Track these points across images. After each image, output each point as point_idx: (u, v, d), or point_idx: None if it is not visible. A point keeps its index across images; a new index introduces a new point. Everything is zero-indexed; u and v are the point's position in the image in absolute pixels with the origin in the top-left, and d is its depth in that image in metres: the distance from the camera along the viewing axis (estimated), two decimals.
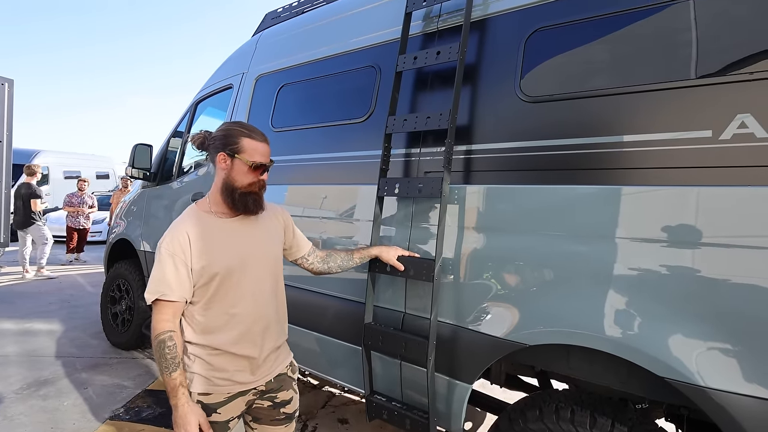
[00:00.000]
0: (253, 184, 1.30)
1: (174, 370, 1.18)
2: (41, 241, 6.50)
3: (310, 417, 2.71)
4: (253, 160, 1.28)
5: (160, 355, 1.19)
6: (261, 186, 1.32)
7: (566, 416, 1.36)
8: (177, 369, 1.19)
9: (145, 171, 3.36)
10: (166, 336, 1.19)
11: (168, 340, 1.19)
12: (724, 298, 1.13)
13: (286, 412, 1.44)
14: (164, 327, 1.20)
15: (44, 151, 12.20)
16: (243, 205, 1.29)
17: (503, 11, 1.64)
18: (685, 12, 1.26)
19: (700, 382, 1.12)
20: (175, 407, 1.19)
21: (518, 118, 1.53)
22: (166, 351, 1.18)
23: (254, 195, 1.30)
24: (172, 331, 1.21)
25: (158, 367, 1.21)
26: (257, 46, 2.79)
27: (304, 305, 2.10)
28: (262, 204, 1.34)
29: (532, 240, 1.44)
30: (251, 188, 1.29)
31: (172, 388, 1.18)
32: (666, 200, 1.22)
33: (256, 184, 1.30)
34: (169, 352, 1.18)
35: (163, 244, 1.25)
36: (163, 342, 1.19)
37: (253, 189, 1.30)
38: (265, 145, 1.32)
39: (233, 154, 1.28)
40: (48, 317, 4.54)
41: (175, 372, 1.18)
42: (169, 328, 1.20)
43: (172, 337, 1.20)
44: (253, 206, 1.30)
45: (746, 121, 1.13)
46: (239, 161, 1.28)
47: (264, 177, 1.33)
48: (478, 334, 1.53)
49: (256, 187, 1.30)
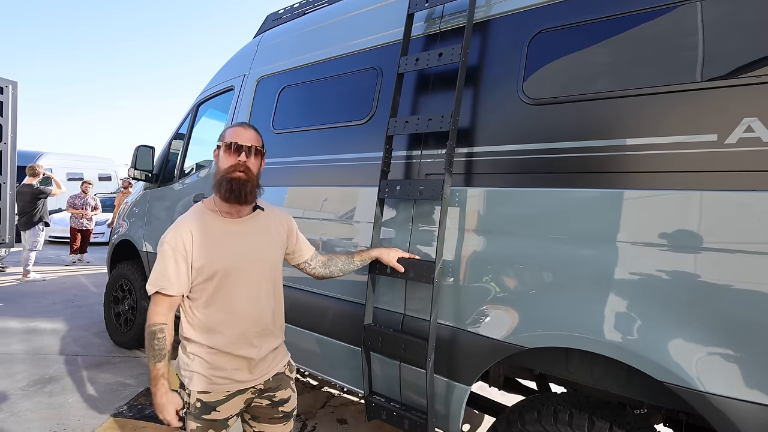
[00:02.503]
0: (232, 167, 1.29)
1: (159, 361, 1.25)
2: (31, 245, 6.40)
3: (310, 417, 2.72)
4: (226, 140, 1.32)
5: (150, 344, 1.25)
6: (242, 170, 1.29)
7: (564, 419, 1.36)
8: (162, 360, 1.25)
9: (147, 172, 3.38)
10: (157, 328, 1.26)
11: (159, 332, 1.25)
12: (726, 303, 1.12)
13: (285, 411, 1.45)
14: (158, 319, 1.26)
15: (47, 153, 12.30)
16: (219, 188, 1.30)
17: (506, 13, 1.64)
18: (691, 14, 1.24)
19: (699, 387, 1.12)
20: (155, 395, 1.26)
21: (520, 120, 1.52)
22: (155, 342, 1.25)
23: (233, 180, 1.28)
24: (164, 324, 1.27)
25: (146, 354, 1.28)
26: (258, 48, 2.80)
27: (305, 306, 2.11)
28: (241, 192, 1.29)
29: (533, 243, 1.44)
30: (230, 171, 1.29)
31: (154, 377, 1.26)
32: (669, 204, 1.21)
33: (235, 166, 1.29)
34: (158, 344, 1.25)
35: (166, 238, 1.27)
36: (153, 333, 1.25)
37: (232, 172, 1.29)
38: (246, 131, 1.35)
39: (219, 145, 1.35)
40: (52, 316, 4.58)
41: (159, 363, 1.25)
42: (162, 320, 1.26)
43: (163, 330, 1.26)
44: (225, 191, 1.28)
45: (753, 125, 1.12)
46: (221, 147, 1.33)
47: (243, 158, 1.30)
48: (478, 337, 1.52)
49: (235, 170, 1.29)
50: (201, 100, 3.24)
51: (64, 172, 12.54)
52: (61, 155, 12.99)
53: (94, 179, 12.69)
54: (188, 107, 3.41)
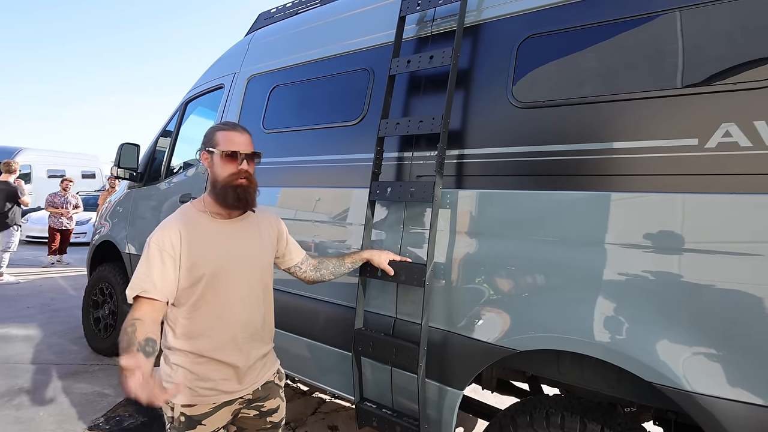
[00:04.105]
0: (234, 175, 1.26)
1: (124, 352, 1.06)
2: (5, 246, 6.18)
3: (300, 424, 2.67)
4: (225, 148, 1.27)
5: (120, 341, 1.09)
6: (244, 177, 1.27)
7: (557, 422, 1.37)
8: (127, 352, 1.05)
9: (131, 171, 3.29)
10: (128, 323, 1.11)
11: (129, 327, 1.10)
12: (709, 303, 1.14)
13: (273, 421, 1.41)
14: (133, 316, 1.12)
15: (27, 149, 11.91)
16: (224, 198, 1.27)
17: (496, 17, 1.66)
18: (672, 23, 1.28)
19: (686, 386, 1.14)
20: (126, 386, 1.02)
21: (510, 123, 1.54)
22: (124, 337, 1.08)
23: (238, 188, 1.26)
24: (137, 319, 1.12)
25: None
26: (249, 47, 2.77)
27: (294, 310, 2.08)
28: (248, 200, 1.28)
29: (523, 245, 1.44)
30: (232, 180, 1.26)
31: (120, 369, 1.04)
32: (654, 207, 1.24)
33: (237, 174, 1.26)
34: (126, 337, 1.08)
35: (152, 239, 1.22)
36: (124, 329, 1.10)
37: (235, 181, 1.26)
38: (241, 135, 1.30)
39: (211, 149, 1.29)
40: (26, 322, 4.38)
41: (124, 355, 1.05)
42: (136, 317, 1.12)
43: (134, 324, 1.10)
44: (233, 200, 1.26)
45: (730, 130, 1.15)
46: (217, 154, 1.28)
47: (244, 166, 1.28)
48: (470, 340, 1.52)
49: (237, 178, 1.26)
50: (189, 97, 3.19)
51: (44, 169, 12.16)
52: (41, 151, 12.60)
53: (77, 176, 12.33)
54: (176, 104, 3.34)
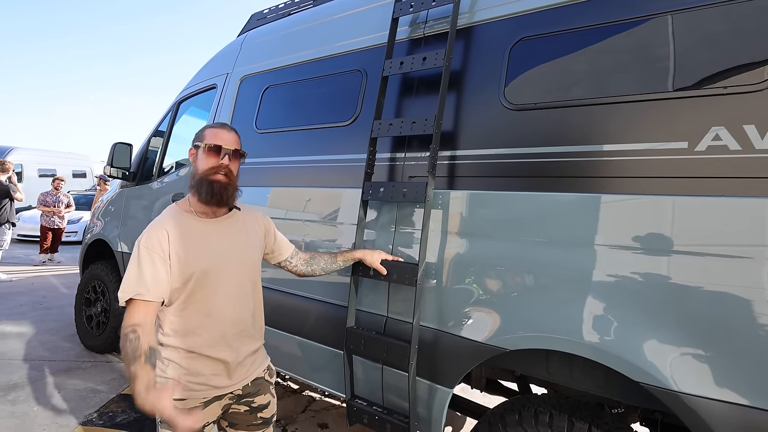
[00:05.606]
0: (213, 169, 1.27)
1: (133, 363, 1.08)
2: None
3: (290, 421, 2.68)
4: (210, 142, 1.29)
5: (123, 348, 1.11)
6: (224, 174, 1.28)
7: (545, 420, 1.38)
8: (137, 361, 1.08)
9: (124, 170, 3.28)
10: (129, 329, 1.12)
11: (131, 333, 1.11)
12: (697, 305, 1.15)
13: (263, 417, 1.42)
14: (131, 321, 1.13)
15: (18, 148, 11.82)
16: (198, 191, 1.27)
17: (488, 20, 1.67)
18: (663, 27, 1.29)
19: (673, 386, 1.15)
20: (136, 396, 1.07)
21: (502, 125, 1.55)
22: (128, 344, 1.10)
23: (214, 183, 1.26)
24: (137, 324, 1.13)
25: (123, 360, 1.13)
26: (242, 47, 2.77)
27: (286, 308, 2.08)
28: (222, 196, 1.27)
29: (513, 246, 1.46)
30: (210, 173, 1.27)
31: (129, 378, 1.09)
32: (643, 209, 1.25)
33: (216, 168, 1.27)
34: (131, 345, 1.10)
35: (141, 240, 1.22)
36: (126, 335, 1.11)
37: (213, 174, 1.27)
38: (228, 133, 1.32)
39: (198, 143, 1.31)
40: (18, 319, 4.37)
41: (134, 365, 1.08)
42: (135, 321, 1.13)
43: (135, 330, 1.12)
44: (206, 194, 1.25)
45: (720, 134, 1.16)
46: (200, 148, 1.30)
47: (226, 161, 1.28)
48: (460, 339, 1.53)
49: (216, 172, 1.27)
50: (182, 97, 3.18)
51: (35, 168, 12.07)
52: (33, 150, 12.52)
53: (68, 176, 12.25)
54: (169, 104, 3.33)
